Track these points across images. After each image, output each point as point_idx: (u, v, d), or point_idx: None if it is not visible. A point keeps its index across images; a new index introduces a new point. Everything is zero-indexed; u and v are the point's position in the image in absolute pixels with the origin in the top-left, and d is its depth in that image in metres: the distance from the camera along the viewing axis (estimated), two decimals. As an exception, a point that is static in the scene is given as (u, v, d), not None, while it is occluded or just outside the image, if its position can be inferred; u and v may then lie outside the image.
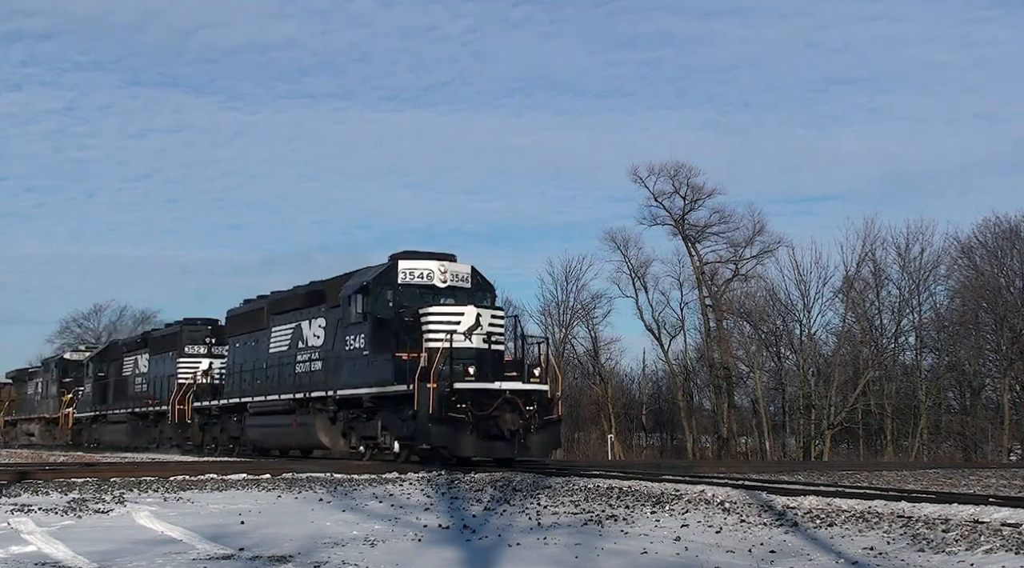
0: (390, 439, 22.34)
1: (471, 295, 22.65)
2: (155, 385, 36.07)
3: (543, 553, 9.70)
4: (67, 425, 45.76)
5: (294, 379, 26.08)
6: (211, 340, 34.38)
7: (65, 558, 9.25)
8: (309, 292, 26.38)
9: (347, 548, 9.82)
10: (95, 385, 42.42)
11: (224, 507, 13.11)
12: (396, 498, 14.29)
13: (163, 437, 35.04)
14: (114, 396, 40.56)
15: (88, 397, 43.38)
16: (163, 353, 36.18)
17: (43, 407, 50.32)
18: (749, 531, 10.66)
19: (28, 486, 15.31)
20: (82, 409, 44.17)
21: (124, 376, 40.05)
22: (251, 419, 28.26)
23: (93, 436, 42.57)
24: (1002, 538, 9.09)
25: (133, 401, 38.03)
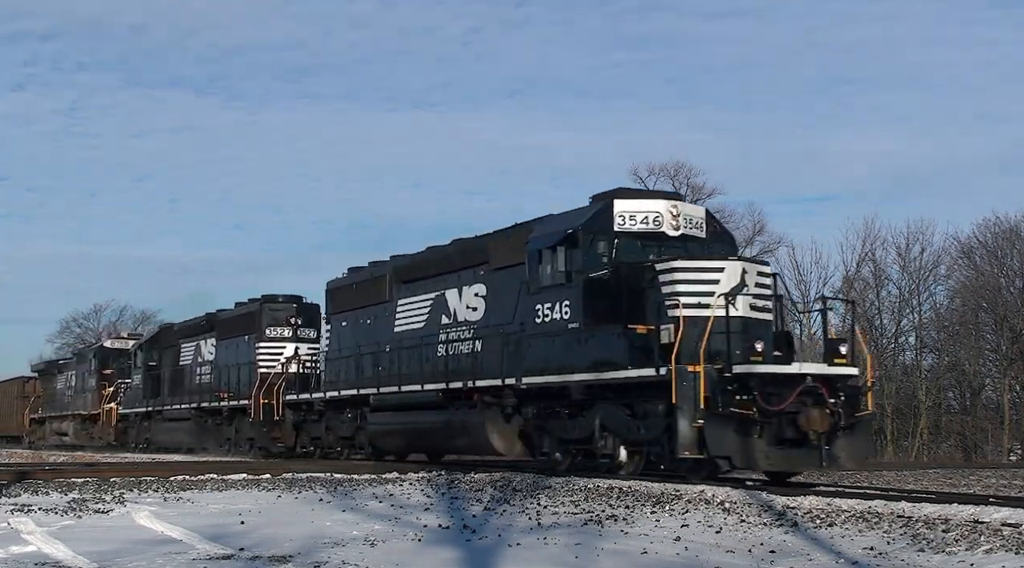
0: (613, 443, 16.37)
1: (706, 247, 16.99)
2: (226, 375, 30.13)
3: (543, 553, 9.69)
4: (110, 422, 40.23)
5: (439, 364, 20.55)
6: (296, 320, 29.11)
7: (65, 558, 9.25)
8: (459, 252, 20.99)
9: (347, 548, 9.82)
10: (145, 377, 36.72)
11: (224, 507, 13.12)
12: (396, 498, 14.30)
13: (240, 437, 29.38)
14: (170, 389, 34.77)
15: (137, 390, 37.74)
16: (235, 337, 30.66)
17: (78, 403, 44.26)
18: (749, 531, 10.66)
19: (28, 486, 15.32)
20: (129, 404, 38.55)
21: (182, 366, 34.43)
22: (374, 416, 22.64)
23: (143, 435, 36.85)
24: (1002, 538, 9.09)
25: (196, 395, 32.23)
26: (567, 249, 17.00)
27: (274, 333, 29.11)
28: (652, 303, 15.70)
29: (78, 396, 44.43)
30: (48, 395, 49.47)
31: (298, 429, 26.52)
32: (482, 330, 19.49)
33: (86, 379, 43.64)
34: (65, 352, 79.34)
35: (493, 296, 19.44)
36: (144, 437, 36.66)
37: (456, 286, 20.62)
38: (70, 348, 78.91)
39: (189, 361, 34.00)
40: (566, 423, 17.33)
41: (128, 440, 38.57)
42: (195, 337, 33.88)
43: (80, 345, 78.14)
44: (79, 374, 44.82)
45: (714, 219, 17.85)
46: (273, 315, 29.29)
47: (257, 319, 29.58)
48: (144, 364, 36.99)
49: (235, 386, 29.46)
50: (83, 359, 45.24)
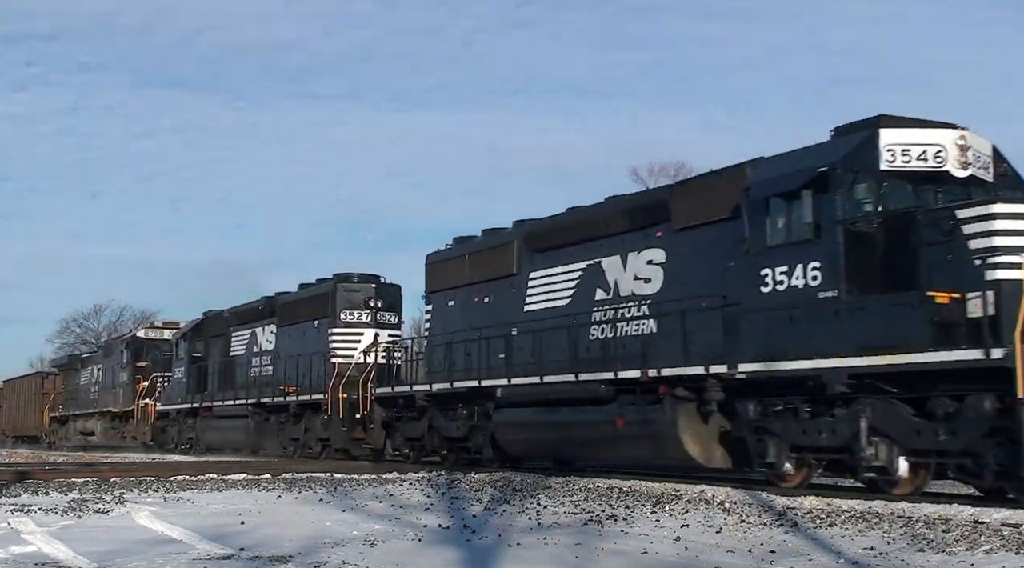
0: (888, 453, 12.36)
1: (991, 192, 12.86)
2: (291, 367, 26.14)
3: (543, 553, 9.69)
4: (146, 421, 36.25)
5: (595, 349, 16.76)
6: (375, 302, 25.26)
7: (65, 558, 9.25)
8: (621, 211, 17.09)
9: (347, 548, 9.82)
10: (190, 369, 32.39)
11: (224, 507, 13.13)
12: (396, 498, 14.30)
13: (310, 437, 25.59)
14: (220, 383, 30.54)
15: (179, 385, 33.29)
16: (302, 323, 26.57)
17: (106, 399, 40.02)
18: (749, 531, 10.66)
19: (28, 486, 15.34)
20: (170, 400, 34.18)
21: (234, 356, 30.30)
22: (503, 414, 18.45)
23: (186, 435, 32.64)
24: (1002, 538, 9.09)
25: (252, 389, 28.12)
26: (815, 194, 13.02)
27: (350, 317, 25.22)
28: (949, 262, 11.73)
29: (106, 392, 40.36)
30: (70, 391, 45.60)
31: (390, 428, 22.65)
32: (662, 305, 15.60)
33: (116, 373, 39.55)
34: (65, 352, 79.62)
35: (678, 262, 15.60)
36: (187, 437, 32.53)
37: (618, 252, 16.75)
38: (70, 348, 78.97)
39: (242, 351, 29.93)
40: (805, 424, 13.20)
41: (166, 440, 34.65)
42: (250, 324, 29.66)
43: (81, 345, 78.28)
44: (107, 368, 40.88)
45: (1002, 158, 13.71)
46: (348, 297, 25.26)
47: (330, 302, 25.45)
48: (188, 355, 32.76)
49: (303, 379, 25.63)
50: (112, 351, 41.10)
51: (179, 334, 34.58)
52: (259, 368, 28.70)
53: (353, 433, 23.75)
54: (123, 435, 38.73)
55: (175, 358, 34.30)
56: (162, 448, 34.64)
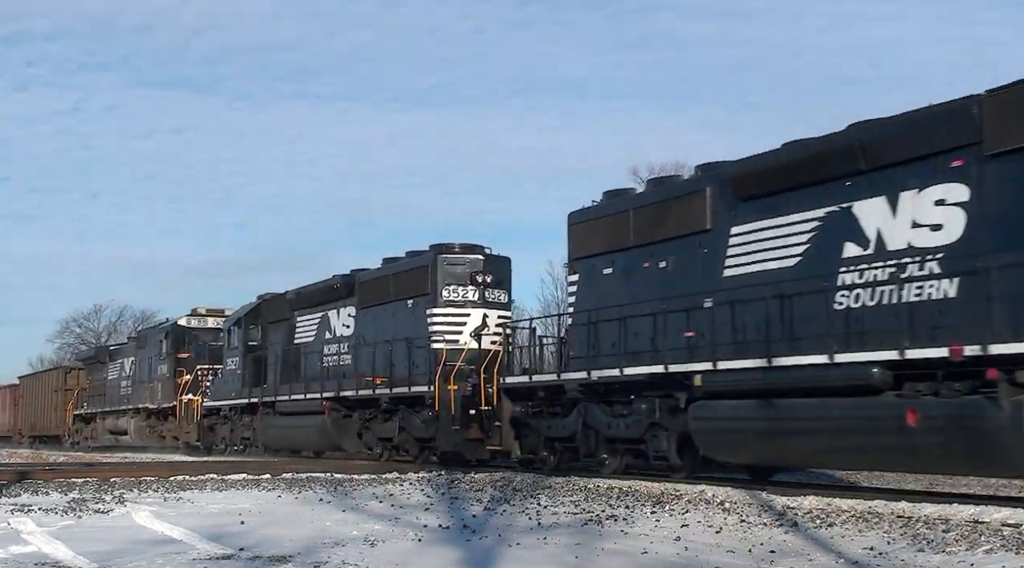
0: None
1: None
2: (378, 355, 22.11)
3: (543, 553, 9.70)
4: (190, 419, 32.01)
5: (847, 321, 12.76)
6: (484, 278, 21.20)
7: (65, 558, 9.25)
8: (887, 137, 12.68)
9: (347, 548, 9.82)
10: (245, 360, 28.28)
11: (224, 507, 13.13)
12: (396, 498, 14.30)
13: (407, 437, 21.50)
14: (283, 374, 26.43)
15: (232, 377, 29.09)
16: (391, 302, 22.44)
17: (142, 395, 35.94)
18: (749, 531, 10.66)
19: (28, 486, 15.34)
20: (220, 395, 29.79)
21: (300, 344, 26.18)
22: (708, 408, 14.26)
23: (241, 434, 28.41)
24: (1002, 538, 9.09)
25: (327, 381, 23.90)
26: None
27: (454, 295, 21.14)
28: None
29: (141, 387, 36.23)
30: (96, 387, 41.74)
31: (526, 427, 18.25)
32: (967, 261, 11.51)
33: (154, 365, 35.46)
34: (65, 352, 79.55)
35: (991, 201, 11.51)
36: (242, 437, 28.41)
37: (882, 193, 12.64)
38: (70, 348, 78.97)
39: (310, 337, 25.75)
40: None
41: (214, 440, 30.52)
42: (320, 306, 25.45)
43: (81, 345, 78.18)
44: (142, 360, 36.81)
45: None
46: (451, 271, 21.17)
47: (429, 277, 21.29)
48: (242, 344, 28.50)
49: (398, 369, 21.49)
50: (147, 342, 36.95)
51: (231, 320, 29.95)
52: (334, 357, 24.51)
53: (470, 433, 19.55)
54: (161, 434, 34.70)
55: (226, 347, 29.85)
56: (210, 450, 30.59)
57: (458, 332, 20.74)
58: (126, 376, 38.45)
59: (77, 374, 45.06)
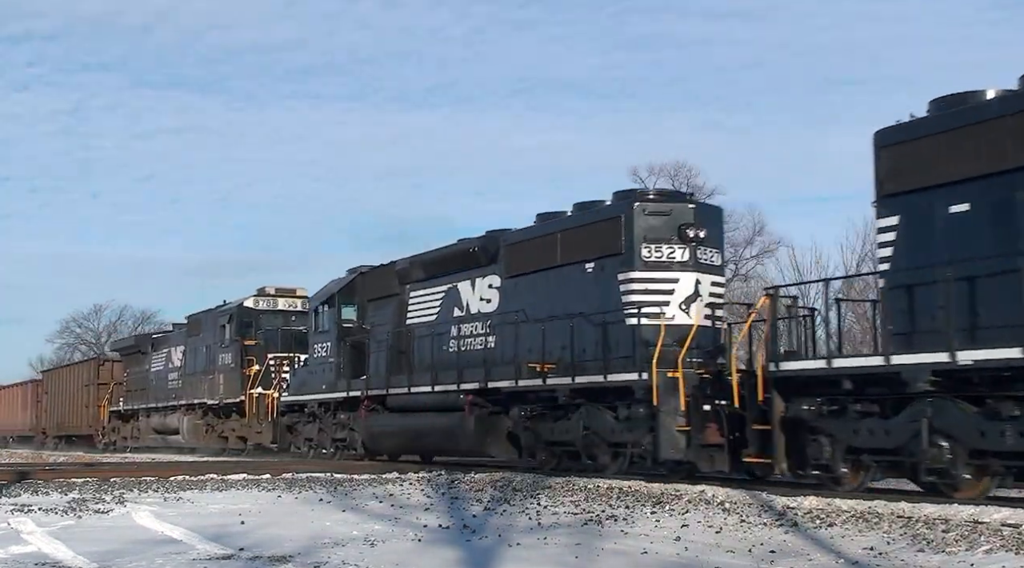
0: None
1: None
2: (550, 335, 17.17)
3: (543, 553, 9.70)
4: (262, 416, 27.64)
5: None
6: (697, 232, 16.09)
7: (65, 558, 9.26)
8: None
9: (347, 548, 9.82)
10: (340, 346, 23.30)
11: (224, 507, 13.13)
12: (396, 498, 14.30)
13: (596, 440, 16.33)
14: (393, 362, 21.62)
15: (323, 367, 24.02)
16: (561, 267, 17.56)
17: (197, 388, 31.49)
18: (749, 531, 10.66)
19: (28, 486, 15.34)
20: (304, 388, 24.85)
21: (416, 324, 21.40)
22: None
23: (334, 434, 23.49)
24: (1002, 538, 9.08)
25: (463, 370, 19.13)
26: None
27: (657, 255, 16.12)
28: None
29: (196, 379, 31.91)
30: (136, 380, 37.55)
31: (795, 431, 13.29)
32: None
33: (214, 354, 30.76)
34: (65, 352, 79.51)
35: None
36: (335, 437, 23.51)
37: None
38: (70, 348, 78.93)
39: (431, 316, 21.01)
40: None
41: (295, 441, 25.48)
42: (447, 277, 20.62)
43: (81, 345, 78.19)
44: (195, 348, 32.49)
45: None
46: (653, 224, 16.24)
47: (623, 231, 16.31)
48: (336, 326, 23.63)
49: (580, 352, 16.64)
50: (202, 327, 32.29)
51: (319, 299, 24.83)
52: (470, 339, 19.69)
53: (709, 436, 14.58)
54: (222, 434, 30.29)
55: (312, 331, 24.94)
56: (290, 452, 25.51)
57: (663, 303, 15.89)
58: (174, 367, 34.22)
59: (111, 366, 40.62)
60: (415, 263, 21.88)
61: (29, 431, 47.32)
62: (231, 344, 29.75)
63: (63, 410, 43.16)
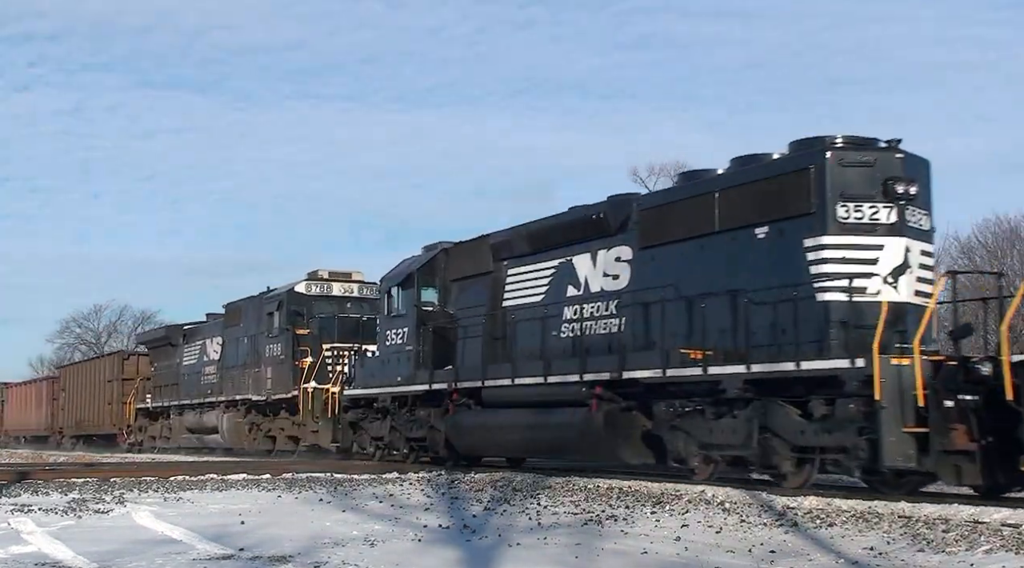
0: None
1: None
2: (699, 316, 14.43)
3: (543, 553, 9.70)
4: (318, 413, 24.12)
5: None
6: (906, 188, 13.13)
7: (65, 558, 9.26)
8: None
9: (347, 548, 9.82)
10: (422, 333, 20.15)
11: (224, 507, 13.13)
12: (396, 498, 14.30)
13: (774, 444, 13.31)
14: (485, 352, 18.74)
15: (397, 357, 20.77)
16: (715, 234, 14.75)
17: (239, 383, 28.42)
18: (749, 531, 10.65)
19: (28, 486, 15.34)
20: (374, 381, 21.55)
21: (512, 306, 18.44)
22: None
23: (412, 433, 20.39)
24: (1002, 538, 9.08)
25: (586, 358, 16.16)
26: None
27: (857, 215, 13.09)
28: None
29: (238, 373, 28.77)
30: (165, 375, 34.68)
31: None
32: None
33: (259, 345, 27.66)
34: (65, 352, 79.43)
35: None
36: (412, 436, 20.42)
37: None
38: (71, 348, 78.88)
39: (538, 296, 17.86)
40: None
41: (361, 440, 22.29)
42: (553, 252, 17.65)
43: (81, 345, 78.23)
44: (236, 339, 29.33)
45: None
46: (851, 177, 13.16)
47: (813, 186, 13.32)
48: (414, 310, 20.39)
49: (754, 334, 13.69)
50: (243, 316, 29.08)
51: (393, 280, 21.52)
52: (588, 323, 16.58)
53: (947, 440, 11.53)
54: (269, 434, 27.23)
55: (386, 316, 21.65)
56: (355, 454, 22.65)
57: (864, 275, 12.92)
58: (210, 360, 31.26)
59: (137, 360, 37.92)
60: (516, 236, 18.75)
61: (44, 431, 44.87)
62: (281, 334, 26.47)
63: (83, 408, 40.46)
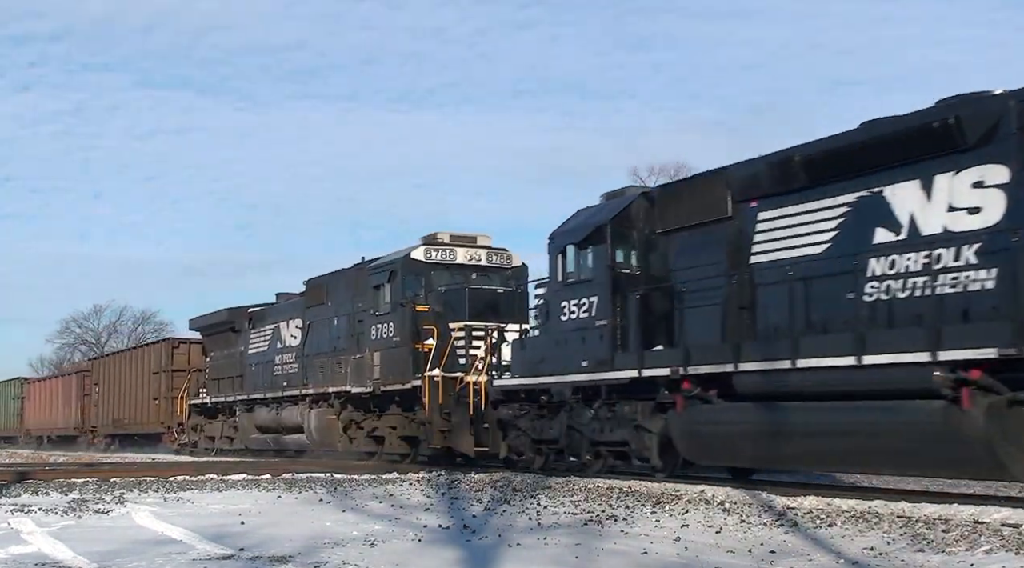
0: None
1: None
2: None
3: (543, 553, 9.69)
4: (455, 409, 19.10)
5: None
6: None
7: (65, 558, 9.26)
8: None
9: (347, 548, 9.82)
10: (617, 303, 15.56)
11: (224, 507, 13.14)
12: (396, 498, 14.30)
13: None
14: (731, 325, 14.14)
15: (584, 335, 16.02)
16: None
17: (330, 372, 23.48)
18: (749, 531, 10.65)
19: (28, 486, 15.35)
20: (543, 366, 16.81)
21: (764, 263, 13.73)
22: None
23: (604, 435, 15.90)
24: (1002, 538, 9.08)
25: (941, 326, 11.10)
26: None
27: None
28: None
29: (329, 360, 23.80)
30: (225, 366, 29.85)
31: None
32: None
33: (361, 326, 22.57)
34: (65, 352, 79.35)
35: None
36: (606, 439, 15.85)
37: None
38: (71, 348, 78.80)
39: (821, 247, 13.00)
40: None
41: (517, 444, 17.69)
42: (845, 183, 12.70)
43: (81, 345, 78.24)
44: (325, 321, 24.42)
45: None
46: None
47: None
48: (606, 273, 15.65)
49: None
50: (335, 293, 24.05)
51: (569, 237, 16.49)
52: (920, 280, 11.73)
53: None
54: (373, 434, 22.27)
55: (561, 283, 16.58)
56: (512, 460, 17.94)
57: None
58: (287, 347, 26.27)
59: (189, 349, 33.27)
60: (774, 167, 13.72)
61: (73, 430, 40.43)
62: (394, 311, 21.28)
63: (121, 404, 35.99)
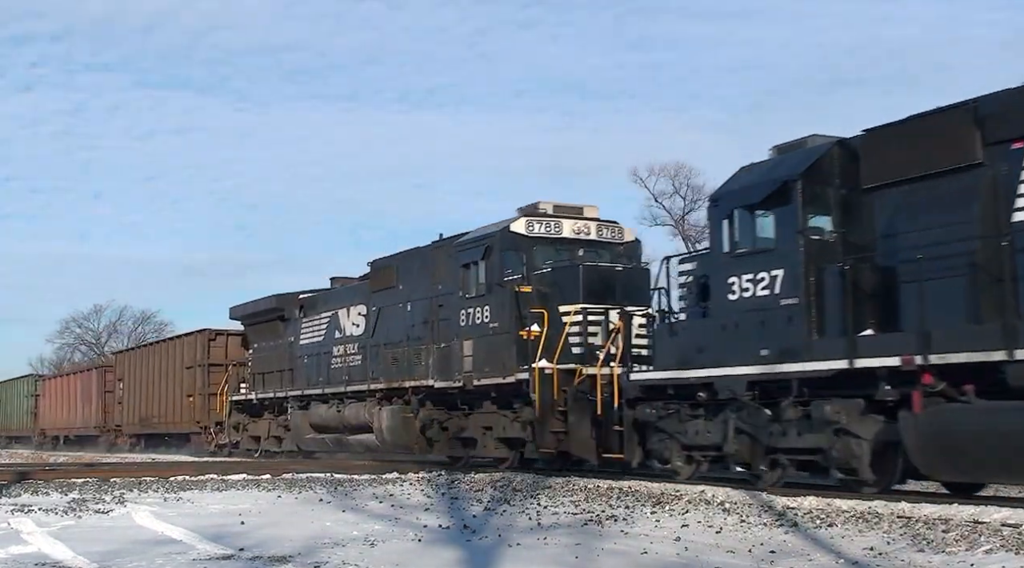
0: None
1: None
2: None
3: (543, 553, 9.69)
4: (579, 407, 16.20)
5: None
6: None
7: (65, 558, 9.26)
8: None
9: (347, 548, 9.82)
10: (810, 278, 12.54)
11: (224, 507, 13.14)
12: (396, 498, 14.30)
13: None
14: (989, 301, 10.85)
15: (764, 317, 13.03)
16: None
17: (406, 365, 20.36)
18: (749, 531, 10.66)
19: (28, 486, 15.36)
20: (703, 356, 13.87)
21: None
22: None
23: (785, 441, 12.87)
24: (1002, 538, 9.08)
25: None
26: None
27: None
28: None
29: (403, 351, 20.72)
30: (272, 358, 26.67)
31: None
32: None
33: (446, 310, 19.57)
34: (65, 352, 79.27)
35: None
36: (786, 445, 13.00)
37: None
38: (70, 348, 78.71)
39: None
40: None
41: (661, 450, 14.91)
42: None
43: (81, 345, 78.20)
44: (395, 306, 21.31)
45: None
46: None
47: None
48: (796, 241, 12.76)
49: None
50: (409, 273, 21.04)
51: (737, 198, 13.76)
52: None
53: None
54: (461, 434, 19.54)
55: (721, 255, 13.99)
56: (655, 471, 15.58)
57: None
58: (347, 337, 23.21)
59: (227, 341, 30.31)
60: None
61: (94, 430, 37.85)
62: (491, 292, 18.31)
63: (150, 401, 33.24)
